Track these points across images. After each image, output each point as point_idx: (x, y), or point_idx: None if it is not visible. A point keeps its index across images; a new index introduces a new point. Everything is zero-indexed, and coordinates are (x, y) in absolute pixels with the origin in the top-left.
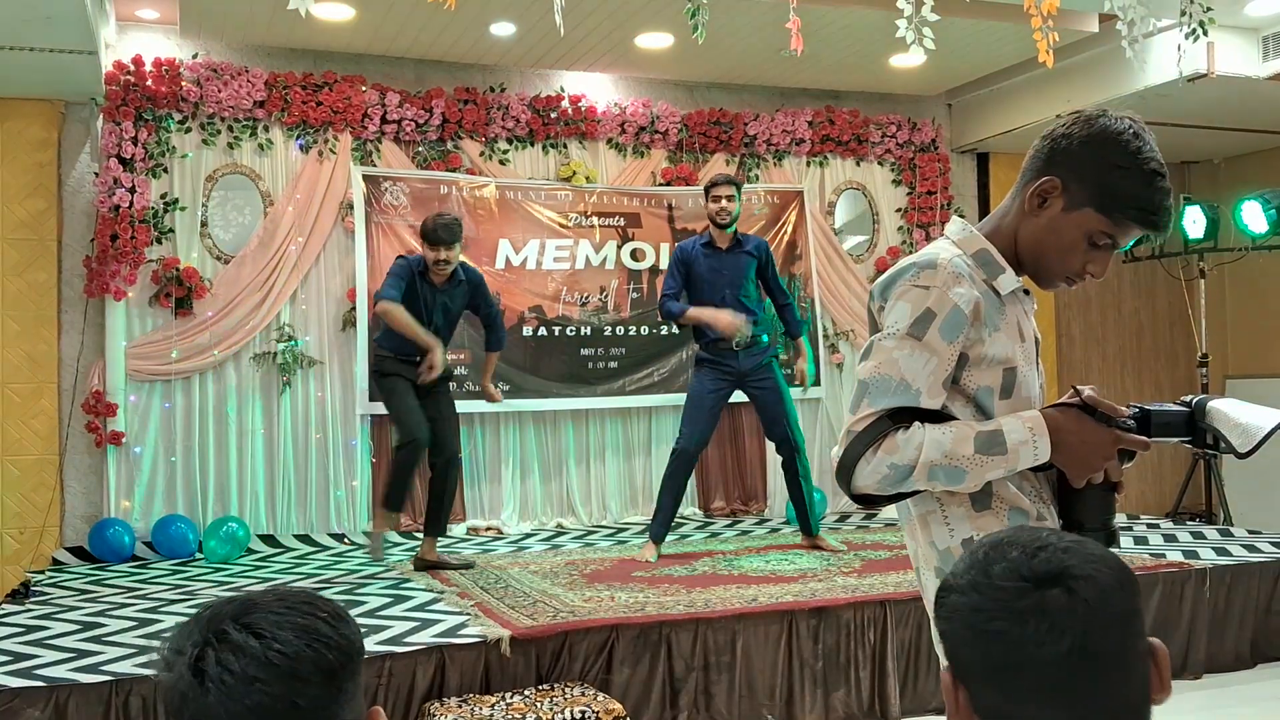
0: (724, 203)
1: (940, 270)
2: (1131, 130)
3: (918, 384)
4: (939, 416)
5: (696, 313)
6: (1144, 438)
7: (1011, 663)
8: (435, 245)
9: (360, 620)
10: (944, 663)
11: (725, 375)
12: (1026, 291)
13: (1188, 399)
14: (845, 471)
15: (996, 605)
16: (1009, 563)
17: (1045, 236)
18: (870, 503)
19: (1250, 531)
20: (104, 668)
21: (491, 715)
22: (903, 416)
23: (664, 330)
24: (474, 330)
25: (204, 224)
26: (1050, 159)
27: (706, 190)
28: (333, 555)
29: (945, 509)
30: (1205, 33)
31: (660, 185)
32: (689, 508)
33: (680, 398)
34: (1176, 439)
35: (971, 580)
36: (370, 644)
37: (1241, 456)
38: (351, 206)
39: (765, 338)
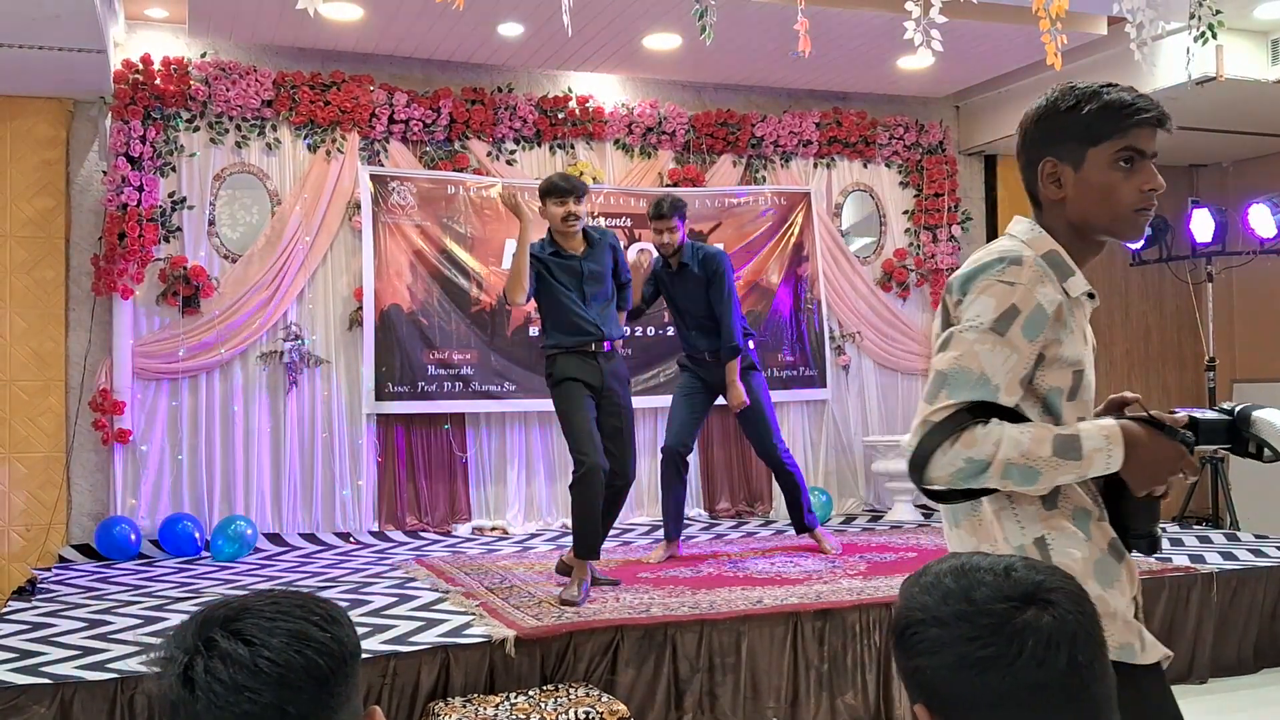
0: (664, 237)
1: (1026, 267)
2: (1055, 88)
3: (997, 379)
4: (1012, 415)
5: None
6: (1197, 463)
7: (1009, 686)
8: (563, 196)
9: (365, 620)
10: (913, 699)
11: (699, 379)
12: (1091, 295)
13: (1228, 407)
14: (920, 462)
15: (988, 631)
16: (989, 587)
17: (1085, 197)
18: (939, 499)
19: (1257, 536)
20: (109, 665)
21: (496, 715)
22: (979, 412)
23: (669, 331)
24: (479, 331)
25: (211, 223)
26: (1029, 154)
27: (650, 218)
28: (338, 554)
29: (1017, 507)
30: (1214, 35)
31: (667, 186)
32: (694, 509)
33: None
34: (1218, 446)
35: (955, 611)
36: (375, 643)
37: None
38: (359, 206)
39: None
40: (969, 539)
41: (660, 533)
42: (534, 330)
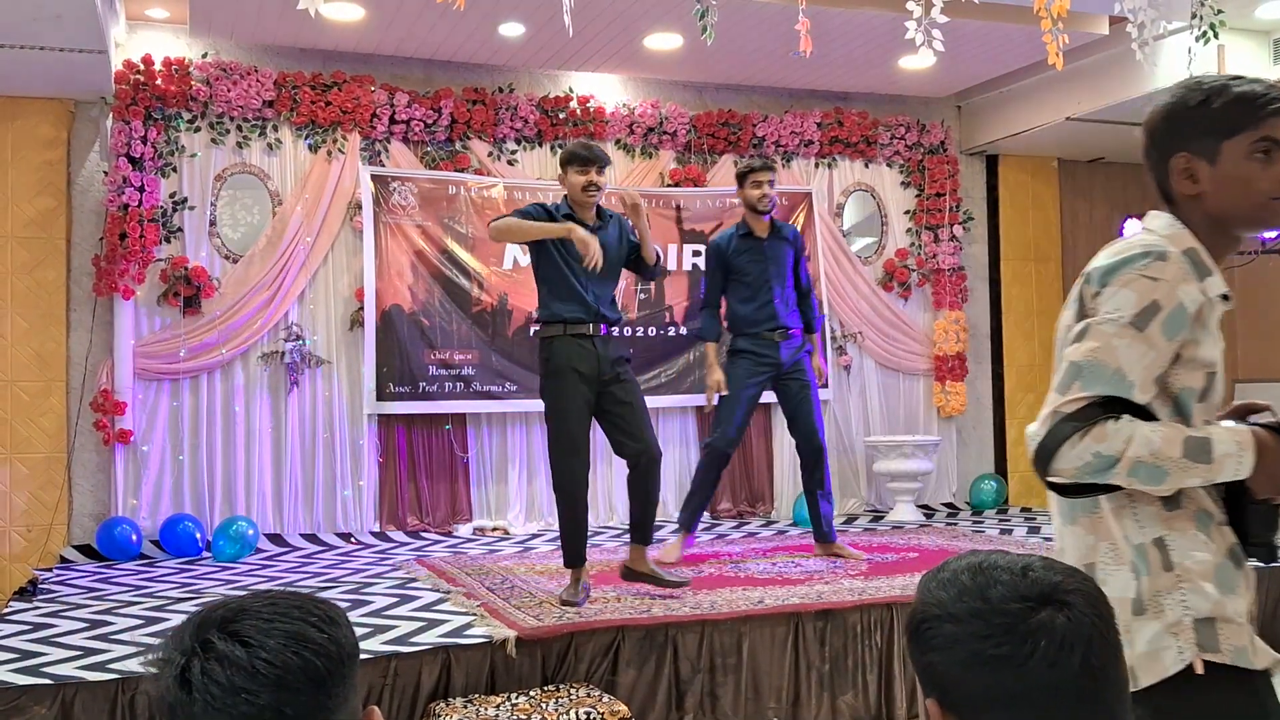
0: (766, 189)
1: (1171, 264)
2: (1179, 84)
3: (1132, 375)
4: (1143, 412)
5: (712, 361)
6: None
7: (1020, 686)
8: (585, 165)
9: (366, 620)
10: (925, 694)
11: (763, 367)
12: (1226, 297)
13: None
14: (1047, 453)
15: (1002, 630)
16: (1005, 586)
17: (1223, 190)
18: (1061, 492)
19: None
20: (110, 666)
21: (496, 716)
22: (1110, 407)
23: (671, 331)
24: (480, 331)
25: (212, 223)
26: (1159, 151)
27: (744, 176)
28: (339, 554)
29: (1136, 506)
30: (1216, 35)
31: (669, 186)
32: None
33: (687, 399)
34: None
35: (969, 608)
36: (376, 644)
37: None
38: (360, 206)
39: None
40: (1086, 537)
41: (665, 529)
42: (535, 330)
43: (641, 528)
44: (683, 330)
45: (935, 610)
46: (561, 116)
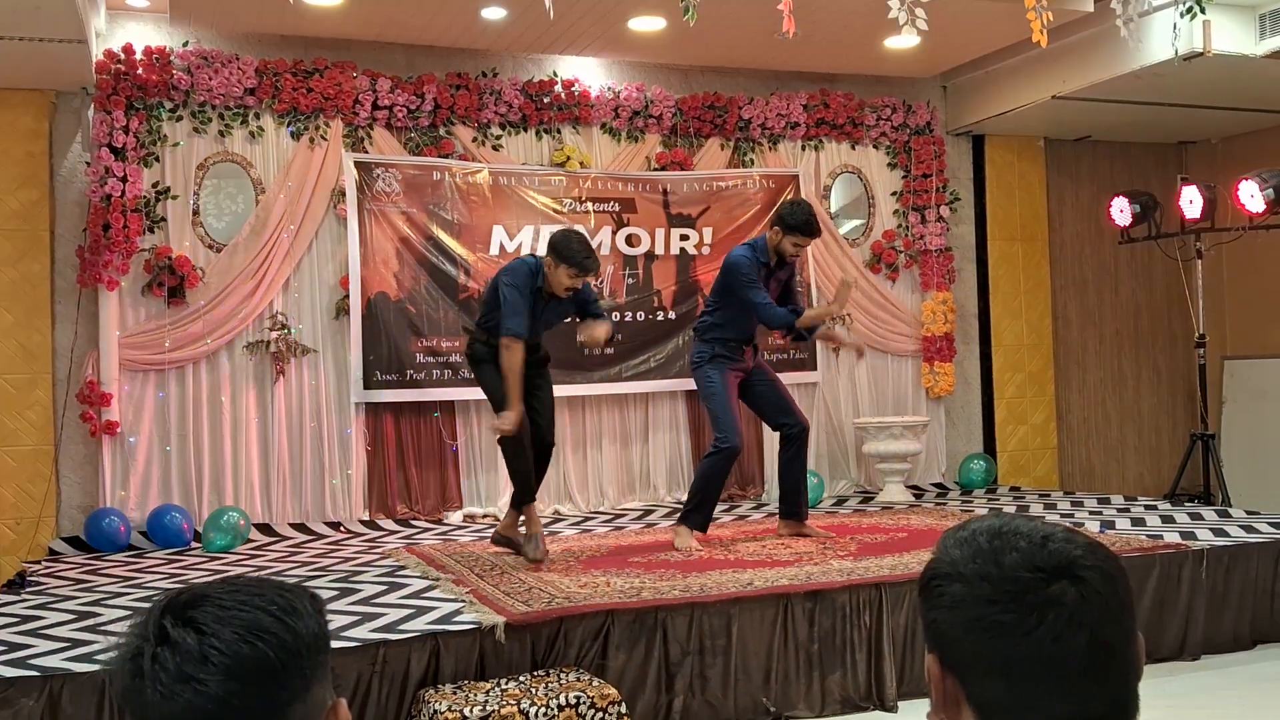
0: (802, 253)
1: None
2: None
3: None
4: None
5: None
6: None
7: (1021, 655)
8: (584, 274)
9: (354, 608)
10: (928, 649)
11: (737, 370)
12: None
13: None
14: None
15: (1009, 597)
16: (1021, 553)
17: None
18: None
19: (1248, 512)
20: (98, 657)
21: (486, 701)
22: None
23: (659, 316)
24: (468, 318)
25: (196, 213)
26: None
27: (794, 228)
28: (328, 544)
29: None
30: (1202, 10)
31: (655, 170)
32: (685, 493)
33: (676, 383)
34: None
35: (980, 570)
36: (364, 631)
37: None
38: (344, 194)
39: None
40: None
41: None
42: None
43: (527, 495)
44: (671, 315)
45: (946, 568)
46: (546, 100)
